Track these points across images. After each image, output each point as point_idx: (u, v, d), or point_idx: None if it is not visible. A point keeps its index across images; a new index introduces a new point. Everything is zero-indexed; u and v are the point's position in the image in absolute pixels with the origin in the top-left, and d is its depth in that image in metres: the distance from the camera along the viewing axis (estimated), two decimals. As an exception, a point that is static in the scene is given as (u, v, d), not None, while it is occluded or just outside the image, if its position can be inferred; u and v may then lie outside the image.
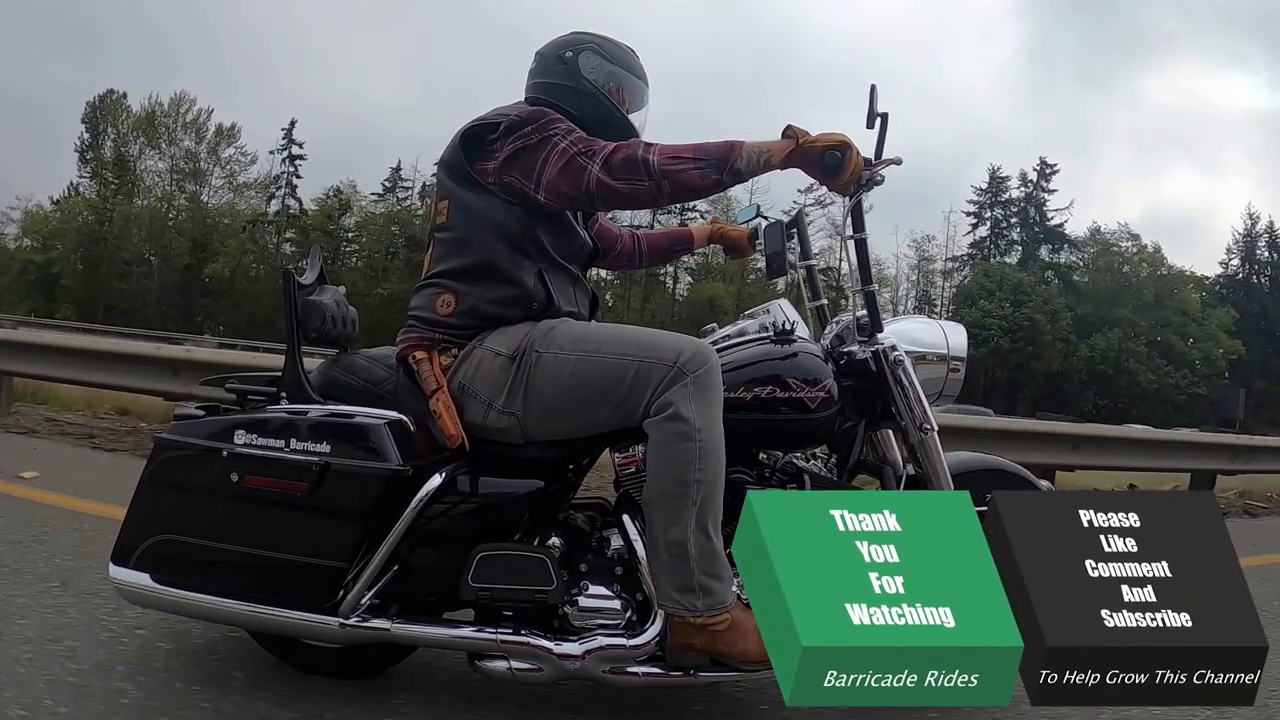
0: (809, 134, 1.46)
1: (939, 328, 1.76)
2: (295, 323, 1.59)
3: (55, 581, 2.10)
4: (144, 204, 35.81)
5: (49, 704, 1.46)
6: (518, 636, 1.51)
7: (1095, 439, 5.57)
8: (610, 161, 1.47)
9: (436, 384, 1.53)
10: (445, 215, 1.62)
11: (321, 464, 1.44)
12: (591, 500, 1.70)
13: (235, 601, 1.50)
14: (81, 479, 3.39)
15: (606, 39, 1.73)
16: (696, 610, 1.44)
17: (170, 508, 1.52)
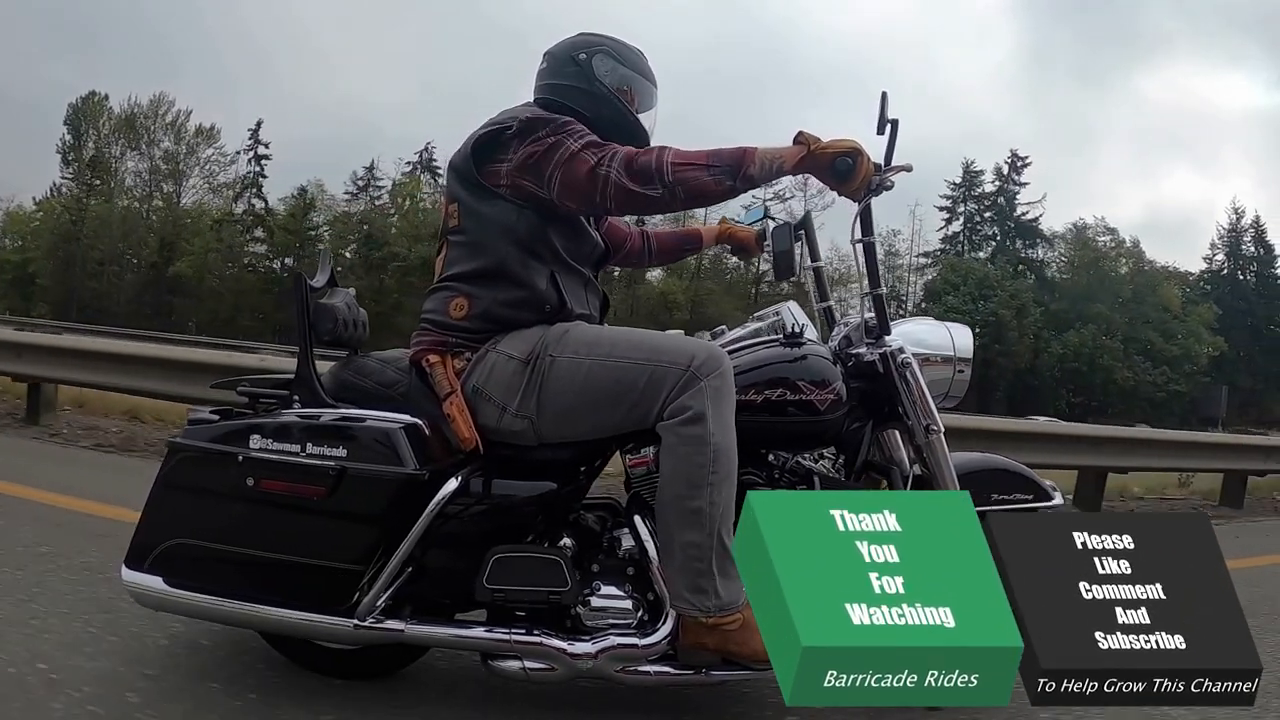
0: (820, 140, 1.48)
1: (945, 330, 1.79)
2: (307, 325, 1.59)
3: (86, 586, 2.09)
4: (117, 204, 36.41)
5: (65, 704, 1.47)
6: (531, 637, 1.52)
7: (1133, 441, 5.71)
8: (625, 166, 1.48)
9: (450, 388, 1.54)
10: (456, 219, 1.62)
11: (338, 468, 1.44)
12: (601, 501, 1.72)
13: (248, 604, 1.51)
14: (120, 487, 3.26)
15: (618, 41, 1.74)
16: (708, 610, 1.47)
17: (185, 511, 1.52)
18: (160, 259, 34.49)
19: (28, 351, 4.89)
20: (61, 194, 36.80)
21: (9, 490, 3.09)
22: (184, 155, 37.23)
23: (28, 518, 2.72)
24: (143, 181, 37.27)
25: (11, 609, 1.91)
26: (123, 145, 36.80)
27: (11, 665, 1.61)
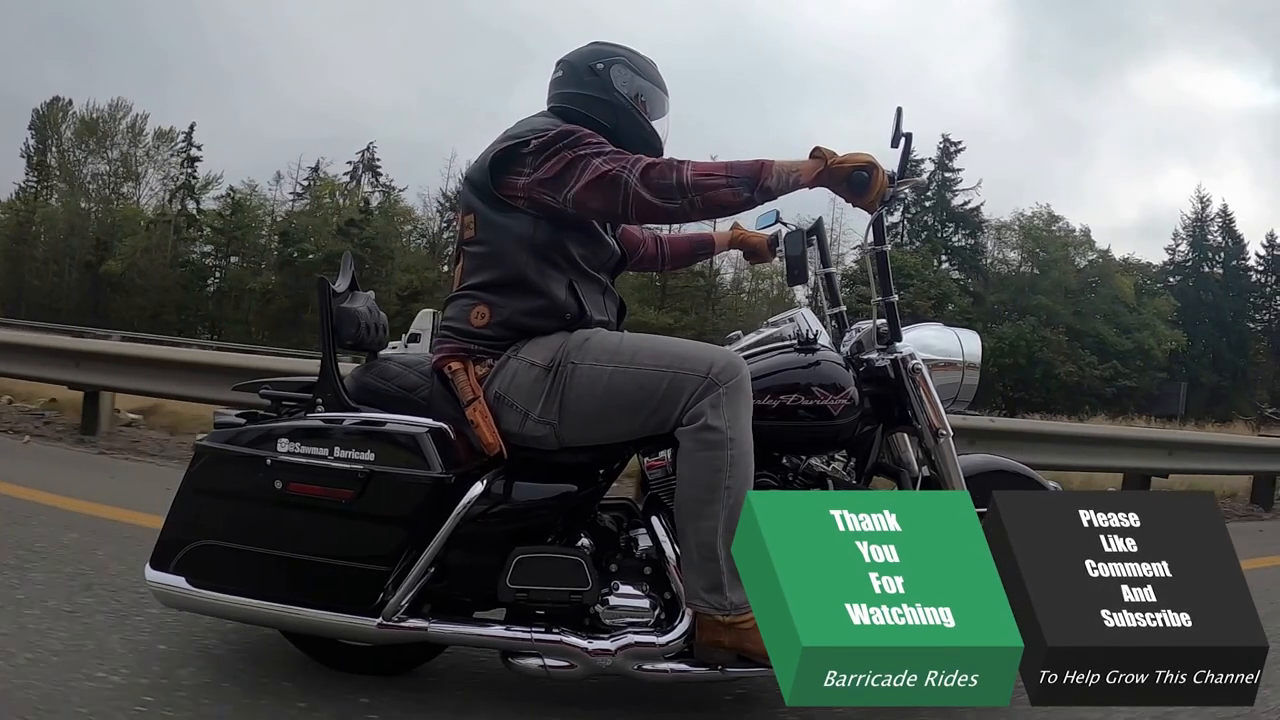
0: (837, 154, 1.51)
1: (953, 335, 1.83)
2: (330, 330, 1.61)
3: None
4: (62, 205, 37.64)
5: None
6: (551, 635, 1.56)
7: (1175, 444, 5.86)
8: (645, 177, 1.51)
9: (473, 394, 1.57)
10: (473, 230, 1.64)
11: (366, 471, 1.47)
12: (617, 503, 1.75)
13: (273, 603, 1.54)
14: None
15: (632, 52, 1.77)
16: (725, 609, 1.50)
17: (211, 513, 1.55)
18: (94, 258, 35.83)
19: (86, 360, 4.77)
20: (20, 196, 37.93)
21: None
22: (141, 158, 38.58)
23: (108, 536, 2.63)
24: (102, 184, 38.53)
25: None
26: (85, 149, 38.08)
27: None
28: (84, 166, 37.89)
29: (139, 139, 38.22)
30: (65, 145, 38.00)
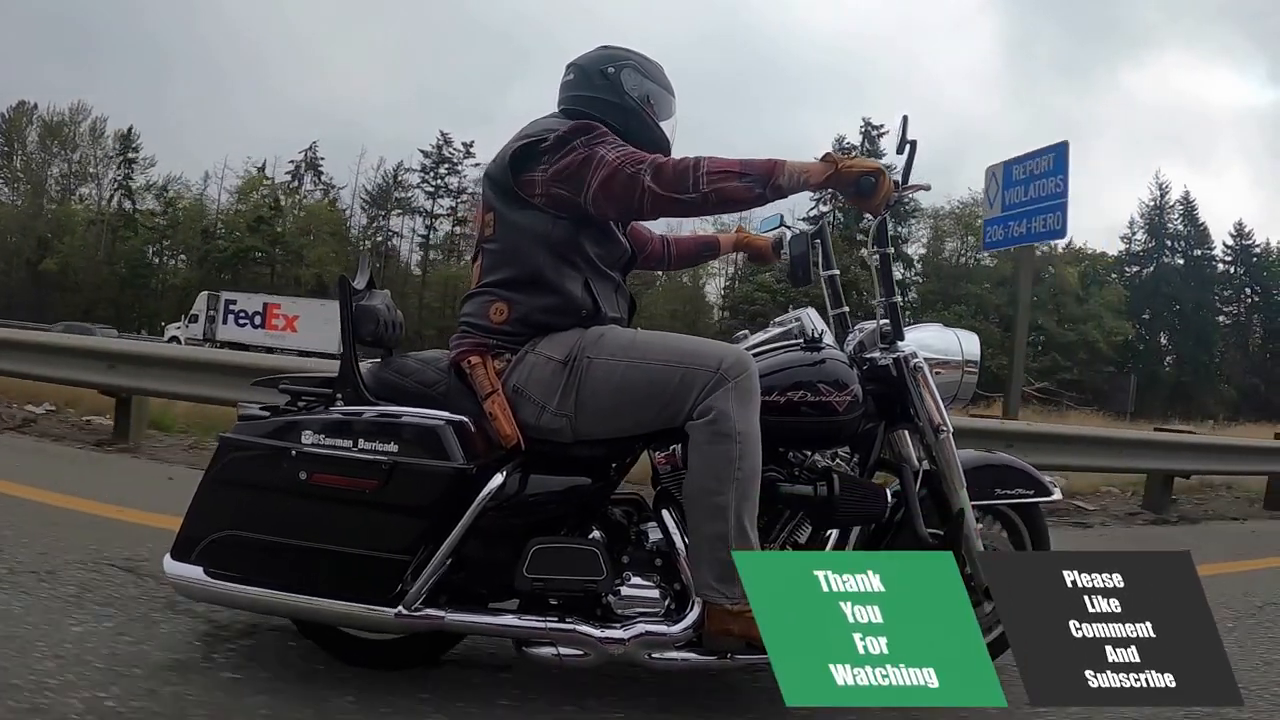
0: (846, 159, 1.58)
1: (953, 335, 1.90)
2: (350, 326, 1.65)
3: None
4: (15, 206, 39.24)
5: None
6: (565, 624, 1.60)
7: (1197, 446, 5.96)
8: (660, 173, 1.56)
9: (492, 387, 1.62)
10: (492, 228, 1.69)
11: (390, 463, 1.51)
12: (627, 496, 1.80)
13: (291, 594, 1.57)
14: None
15: (641, 55, 1.83)
16: (734, 598, 1.55)
17: (234, 504, 1.58)
18: (35, 256, 37.24)
19: (120, 362, 4.50)
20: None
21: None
22: (100, 160, 40.17)
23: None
24: (63, 186, 40.11)
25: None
26: (48, 153, 39.58)
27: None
28: (47, 169, 39.56)
29: (98, 141, 40.04)
30: (30, 149, 39.57)
